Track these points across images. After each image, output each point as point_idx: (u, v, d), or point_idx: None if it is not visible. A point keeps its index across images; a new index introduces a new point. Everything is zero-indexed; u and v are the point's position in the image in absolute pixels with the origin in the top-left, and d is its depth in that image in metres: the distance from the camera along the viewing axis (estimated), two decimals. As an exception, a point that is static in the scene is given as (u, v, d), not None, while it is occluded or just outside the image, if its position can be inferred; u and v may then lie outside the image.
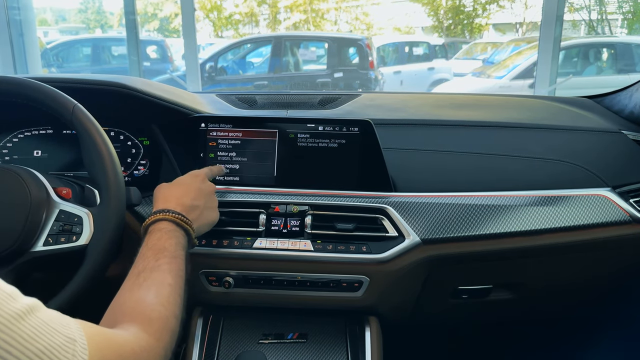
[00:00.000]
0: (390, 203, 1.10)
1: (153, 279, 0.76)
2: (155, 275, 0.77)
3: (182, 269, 0.82)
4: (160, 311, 0.72)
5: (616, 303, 1.40)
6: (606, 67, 7.22)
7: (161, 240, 0.83)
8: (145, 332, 0.68)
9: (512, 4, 12.82)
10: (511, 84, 6.66)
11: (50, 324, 0.51)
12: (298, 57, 7.24)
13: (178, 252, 0.83)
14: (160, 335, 0.70)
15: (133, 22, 5.31)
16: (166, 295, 0.75)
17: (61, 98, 0.92)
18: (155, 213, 0.88)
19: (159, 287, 0.75)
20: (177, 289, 0.78)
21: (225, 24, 13.75)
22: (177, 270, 0.80)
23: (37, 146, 1.20)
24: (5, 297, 0.48)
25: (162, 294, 0.74)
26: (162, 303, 0.73)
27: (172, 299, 0.76)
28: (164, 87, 1.23)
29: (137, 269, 0.78)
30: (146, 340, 0.67)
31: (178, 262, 0.82)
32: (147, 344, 0.66)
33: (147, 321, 0.69)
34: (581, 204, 1.13)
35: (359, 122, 1.14)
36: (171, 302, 0.75)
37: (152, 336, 0.68)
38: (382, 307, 1.12)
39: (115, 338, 0.63)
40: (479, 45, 11.42)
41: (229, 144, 1.16)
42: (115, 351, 0.60)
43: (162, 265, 0.79)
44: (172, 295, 0.76)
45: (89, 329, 0.58)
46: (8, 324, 0.46)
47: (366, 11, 13.57)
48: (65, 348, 0.51)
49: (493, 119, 1.34)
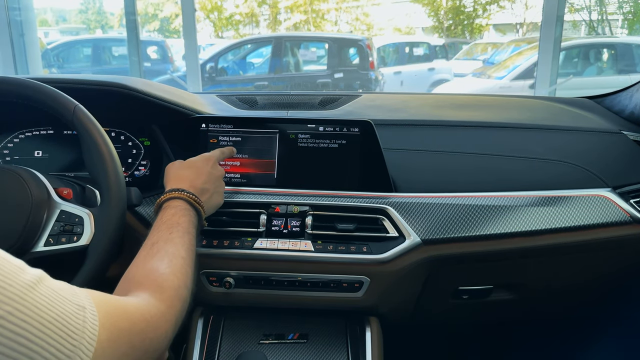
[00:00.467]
0: (391, 203, 1.10)
1: (166, 250, 0.78)
2: (169, 247, 0.79)
3: (194, 244, 0.85)
4: (172, 280, 0.73)
5: (617, 303, 1.40)
6: (606, 67, 7.23)
7: (175, 216, 0.86)
8: (157, 299, 0.68)
9: (512, 4, 12.83)
10: (511, 84, 6.66)
11: (60, 293, 0.52)
12: (298, 57, 7.24)
13: (190, 229, 0.86)
14: (172, 303, 0.70)
15: (133, 22, 5.32)
16: (179, 266, 0.76)
17: (62, 98, 0.92)
18: (170, 191, 0.91)
19: (172, 257, 0.77)
20: (189, 262, 0.80)
21: (226, 24, 13.76)
22: (189, 244, 0.82)
23: (38, 147, 1.20)
24: (15, 269, 0.49)
25: (174, 264, 0.76)
26: (174, 272, 0.75)
27: (184, 270, 0.77)
28: (164, 88, 1.23)
29: (150, 240, 0.80)
30: (157, 307, 0.67)
31: (190, 237, 0.84)
32: (158, 310, 0.67)
33: (159, 289, 0.70)
34: (581, 205, 1.13)
35: (359, 122, 1.15)
36: (183, 272, 0.76)
37: (164, 303, 0.69)
38: (383, 308, 1.13)
39: (126, 305, 0.63)
40: (479, 46, 11.42)
41: (230, 144, 1.16)
42: (126, 317, 0.60)
43: (175, 239, 0.81)
44: (184, 267, 0.78)
45: (98, 296, 0.58)
46: (21, 294, 0.47)
47: (366, 12, 13.59)
48: (76, 315, 0.52)
49: (493, 120, 1.34)
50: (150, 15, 13.15)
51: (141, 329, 0.62)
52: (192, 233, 0.86)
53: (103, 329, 0.55)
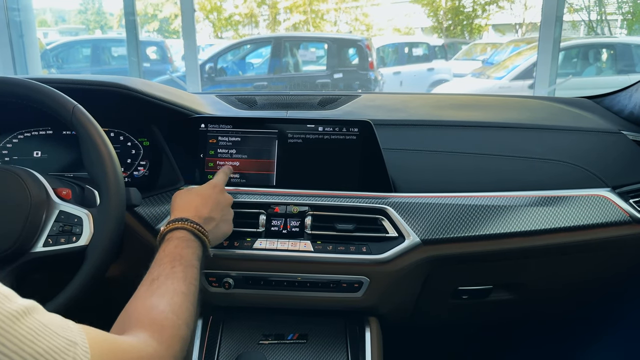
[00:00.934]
0: (390, 203, 1.10)
1: (167, 287, 0.75)
2: (170, 282, 0.76)
3: (197, 278, 0.82)
4: (172, 319, 0.71)
5: (616, 303, 1.40)
6: (606, 67, 7.23)
7: (178, 248, 0.83)
8: (155, 339, 0.66)
9: (511, 4, 12.83)
10: (511, 84, 6.67)
11: (50, 327, 0.50)
12: (298, 58, 7.24)
13: (194, 262, 0.83)
14: (171, 343, 0.68)
15: (133, 23, 5.32)
16: (179, 303, 0.74)
17: (61, 99, 0.92)
18: (173, 221, 0.88)
19: (172, 294, 0.74)
20: (191, 298, 0.77)
21: (225, 24, 13.76)
22: (191, 278, 0.80)
23: (37, 147, 1.20)
24: (0, 297, 0.47)
25: (174, 302, 0.73)
26: (174, 311, 0.72)
27: (185, 307, 0.74)
28: (163, 88, 1.23)
29: (151, 275, 0.77)
30: (155, 348, 0.65)
31: (193, 271, 0.81)
32: (155, 351, 0.65)
33: (157, 328, 0.68)
34: (581, 205, 1.13)
35: (358, 122, 1.14)
36: (184, 310, 0.74)
37: (162, 344, 0.67)
38: (382, 308, 1.12)
39: (122, 344, 0.61)
40: (478, 46, 11.42)
41: (229, 144, 1.16)
42: (121, 357, 0.58)
43: (178, 273, 0.78)
44: (185, 304, 0.75)
45: (93, 333, 0.56)
46: (3, 324, 0.46)
47: (366, 12, 13.59)
48: (65, 351, 0.50)
49: (493, 120, 1.34)
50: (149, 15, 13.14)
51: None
52: (196, 266, 0.83)
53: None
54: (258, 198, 1.11)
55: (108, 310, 1.26)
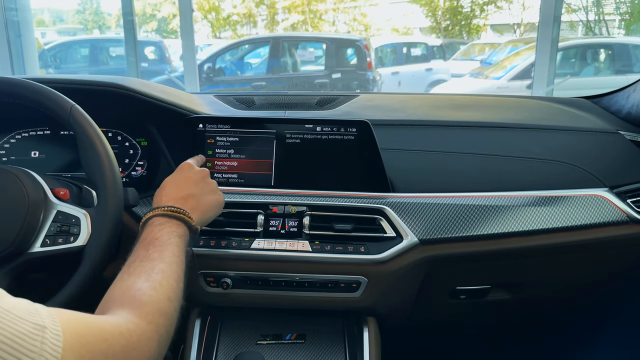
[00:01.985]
0: (388, 203, 1.10)
1: (143, 267, 0.74)
2: (146, 263, 0.75)
3: (178, 254, 0.79)
4: (151, 294, 0.69)
5: (614, 303, 1.40)
6: (604, 67, 7.24)
7: (152, 232, 0.82)
8: (136, 315, 0.64)
9: (509, 5, 12.84)
10: (509, 84, 6.68)
11: (13, 312, 0.48)
12: (296, 58, 7.24)
13: (172, 240, 0.81)
14: (152, 318, 0.66)
15: (131, 23, 5.31)
16: (158, 280, 0.72)
17: (59, 99, 0.92)
18: (146, 213, 0.88)
19: (150, 272, 0.73)
20: (171, 274, 0.75)
21: (224, 24, 13.75)
22: (170, 256, 0.78)
23: (35, 147, 1.20)
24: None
25: (153, 279, 0.72)
26: (154, 287, 0.70)
27: (165, 282, 0.72)
28: (161, 88, 1.23)
29: (128, 262, 0.77)
30: (136, 323, 0.63)
31: (171, 248, 0.79)
32: (136, 327, 0.63)
33: (136, 304, 0.66)
34: (579, 204, 1.13)
35: (356, 122, 1.15)
36: (164, 285, 0.72)
37: (143, 319, 0.65)
38: (381, 308, 1.12)
39: (100, 323, 0.59)
40: (476, 46, 11.44)
41: (227, 144, 1.16)
42: (99, 335, 0.56)
43: (153, 254, 0.77)
44: (165, 279, 0.73)
45: (67, 315, 0.55)
46: None
47: (364, 12, 13.59)
48: (32, 336, 0.48)
49: (491, 120, 1.35)
50: (148, 15, 13.13)
51: (120, 349, 0.58)
52: (175, 243, 0.81)
53: (71, 351, 0.51)
54: (256, 198, 1.11)
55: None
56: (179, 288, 0.75)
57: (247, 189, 1.14)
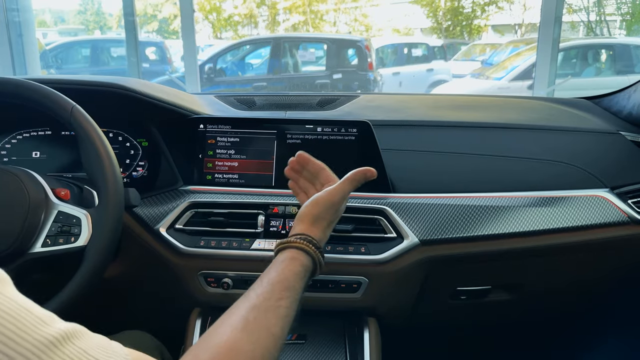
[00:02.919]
0: (389, 204, 1.10)
1: (263, 322, 0.66)
2: (269, 317, 0.67)
3: (294, 315, 0.73)
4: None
5: (615, 303, 1.40)
6: (605, 68, 7.24)
7: (297, 276, 0.75)
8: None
9: (510, 5, 12.84)
10: (510, 85, 6.67)
11: (91, 352, 0.46)
12: (297, 58, 7.24)
13: (299, 296, 0.75)
14: None
15: (132, 23, 5.32)
16: (265, 346, 0.64)
17: (60, 99, 0.92)
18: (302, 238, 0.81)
19: (264, 335, 0.65)
20: (280, 342, 0.68)
21: (225, 25, 13.76)
22: (290, 317, 0.71)
23: (36, 147, 1.20)
24: (36, 321, 0.43)
25: (262, 344, 0.64)
26: (256, 357, 0.63)
27: (270, 352, 0.65)
28: (162, 89, 1.23)
29: (255, 298, 0.69)
30: None
31: (295, 307, 0.73)
32: None
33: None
34: (579, 205, 1.13)
35: (357, 123, 1.15)
36: (267, 354, 0.64)
37: None
38: (381, 308, 1.12)
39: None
40: (477, 47, 11.43)
41: (228, 145, 1.16)
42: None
43: (281, 309, 0.69)
44: (272, 349, 0.65)
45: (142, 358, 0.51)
46: (37, 351, 0.41)
47: (365, 12, 13.59)
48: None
49: (492, 120, 1.35)
50: (149, 16, 13.14)
51: None
52: (299, 300, 0.74)
53: None
54: (257, 198, 1.11)
55: (107, 310, 1.26)
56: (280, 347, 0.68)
57: (247, 189, 1.14)
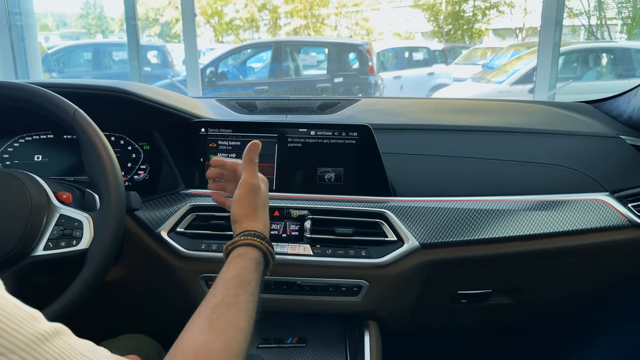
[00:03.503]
0: (390, 207, 1.10)
1: (226, 319, 0.68)
2: (231, 314, 0.70)
3: (256, 308, 0.75)
4: None
5: (615, 307, 1.40)
6: (606, 72, 7.24)
7: (247, 271, 0.77)
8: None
9: (511, 9, 12.85)
10: (511, 89, 6.67)
11: (78, 348, 0.48)
12: (298, 62, 7.26)
13: (257, 289, 0.77)
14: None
15: (134, 27, 5.33)
16: (234, 343, 0.67)
17: (62, 103, 0.93)
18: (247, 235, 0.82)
19: (230, 330, 0.67)
20: (248, 335, 0.70)
21: (226, 29, 13.79)
22: (252, 310, 0.73)
23: (38, 151, 1.21)
24: (27, 317, 0.46)
25: (231, 341, 0.66)
26: (228, 351, 0.65)
27: (240, 346, 0.67)
28: (164, 92, 1.24)
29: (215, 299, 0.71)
30: None
31: (256, 300, 0.75)
32: None
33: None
34: (580, 209, 1.13)
35: (358, 127, 1.15)
36: (237, 349, 0.66)
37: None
38: (382, 312, 1.13)
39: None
40: (478, 51, 11.44)
41: (229, 148, 1.17)
42: None
43: (241, 304, 0.72)
44: (241, 343, 0.68)
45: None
46: (32, 344, 0.44)
47: (366, 16, 13.62)
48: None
49: (492, 124, 1.35)
50: (151, 20, 13.18)
51: None
52: (258, 292, 0.76)
53: None
54: (258, 202, 1.12)
55: (108, 312, 1.26)
56: (246, 348, 0.70)
57: (248, 193, 1.14)
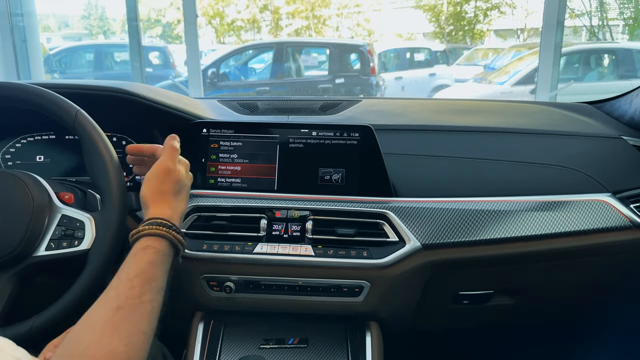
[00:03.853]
0: (391, 208, 1.10)
1: (130, 322, 0.67)
2: (135, 316, 0.68)
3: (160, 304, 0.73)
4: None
5: (617, 308, 1.39)
6: (607, 73, 7.23)
7: (152, 265, 0.75)
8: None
9: (513, 10, 12.85)
10: (512, 89, 6.67)
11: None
12: (300, 63, 7.27)
13: (163, 284, 0.75)
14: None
15: (136, 28, 5.34)
16: (137, 345, 0.66)
17: (64, 104, 0.93)
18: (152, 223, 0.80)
19: (134, 335, 0.67)
20: (150, 336, 0.69)
21: (228, 30, 13.81)
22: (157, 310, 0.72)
23: (40, 151, 1.21)
24: None
25: (134, 343, 0.66)
26: (131, 356, 0.65)
27: (143, 347, 0.67)
28: (165, 93, 1.24)
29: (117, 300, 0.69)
30: None
31: (159, 297, 0.73)
32: None
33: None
34: (582, 210, 1.13)
35: (359, 127, 1.15)
36: (141, 352, 0.67)
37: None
38: (383, 313, 1.12)
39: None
40: (480, 51, 11.44)
41: (231, 149, 1.17)
42: None
43: (145, 304, 0.70)
44: (143, 345, 0.67)
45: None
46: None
47: (368, 17, 13.62)
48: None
49: (494, 125, 1.35)
50: (152, 21, 13.21)
51: None
52: (163, 288, 0.75)
53: None
54: (259, 202, 1.12)
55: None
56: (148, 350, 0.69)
57: (250, 194, 1.14)
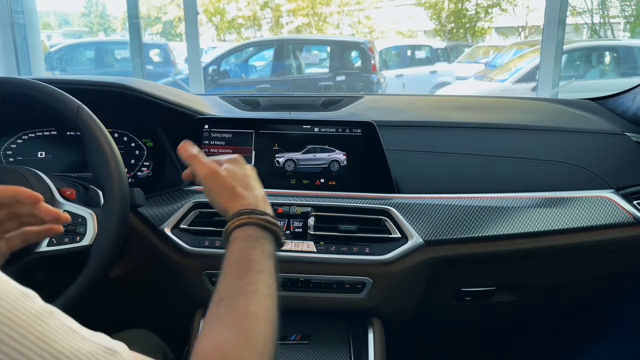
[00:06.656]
0: (393, 204, 1.10)
1: (235, 309, 0.62)
2: (239, 301, 0.63)
3: (270, 283, 0.67)
4: (242, 350, 0.58)
5: (619, 304, 1.39)
6: (609, 70, 7.22)
7: (245, 251, 0.70)
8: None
9: (514, 7, 12.84)
10: (513, 87, 6.66)
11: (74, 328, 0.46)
12: (300, 60, 7.25)
13: (264, 264, 0.69)
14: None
15: (136, 25, 5.33)
16: (250, 330, 0.60)
17: (65, 99, 0.93)
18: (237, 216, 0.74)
19: (242, 319, 0.61)
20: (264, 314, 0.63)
21: (228, 27, 13.80)
22: (264, 289, 0.66)
23: (42, 147, 1.21)
24: (20, 295, 0.44)
25: (244, 328, 0.60)
26: (246, 339, 0.59)
27: (259, 330, 0.61)
28: (167, 89, 1.24)
29: (219, 294, 0.65)
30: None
31: (265, 277, 0.67)
32: None
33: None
34: (584, 206, 1.13)
35: (362, 123, 1.15)
36: (257, 335, 0.60)
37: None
38: (385, 309, 1.12)
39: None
40: (481, 49, 11.42)
41: (232, 145, 1.17)
42: None
43: (247, 287, 0.65)
44: (258, 327, 0.61)
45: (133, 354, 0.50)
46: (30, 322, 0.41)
47: (368, 15, 13.61)
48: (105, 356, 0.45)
49: (496, 121, 1.34)
50: (153, 18, 13.20)
51: None
52: (267, 268, 0.69)
53: None
54: (261, 199, 1.11)
55: (111, 309, 1.26)
56: (273, 333, 0.63)
57: (252, 190, 1.14)
